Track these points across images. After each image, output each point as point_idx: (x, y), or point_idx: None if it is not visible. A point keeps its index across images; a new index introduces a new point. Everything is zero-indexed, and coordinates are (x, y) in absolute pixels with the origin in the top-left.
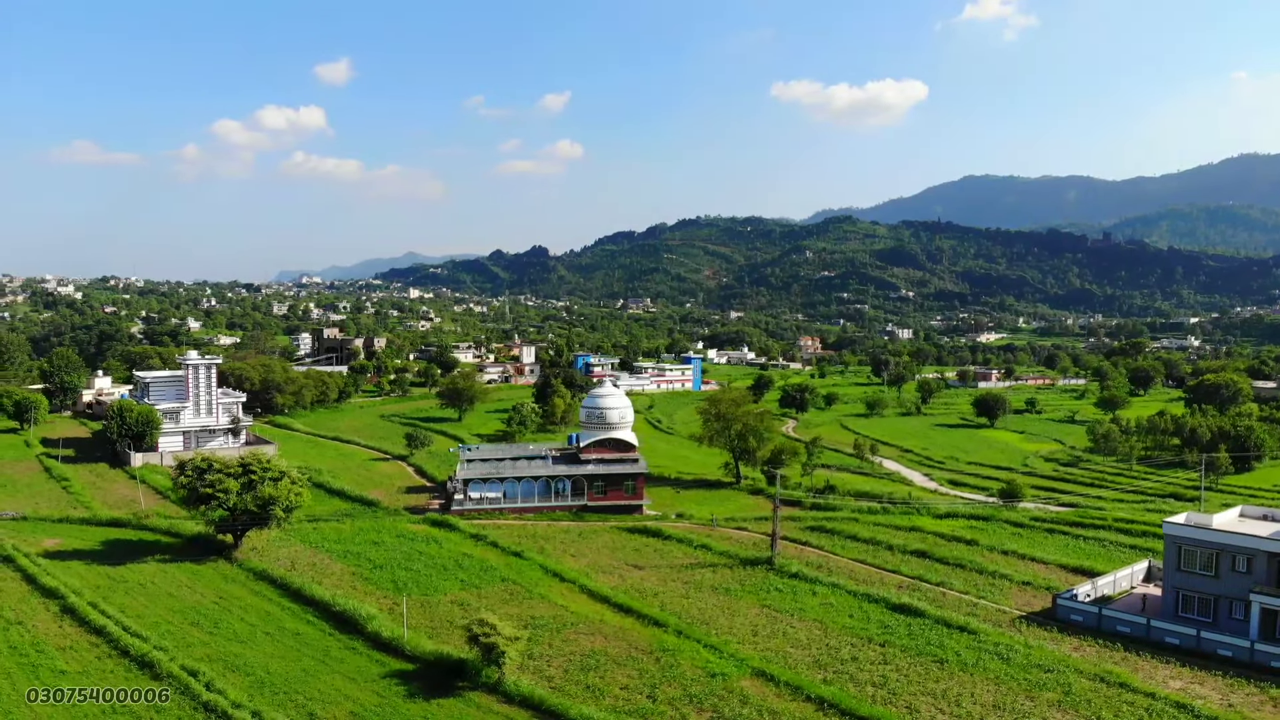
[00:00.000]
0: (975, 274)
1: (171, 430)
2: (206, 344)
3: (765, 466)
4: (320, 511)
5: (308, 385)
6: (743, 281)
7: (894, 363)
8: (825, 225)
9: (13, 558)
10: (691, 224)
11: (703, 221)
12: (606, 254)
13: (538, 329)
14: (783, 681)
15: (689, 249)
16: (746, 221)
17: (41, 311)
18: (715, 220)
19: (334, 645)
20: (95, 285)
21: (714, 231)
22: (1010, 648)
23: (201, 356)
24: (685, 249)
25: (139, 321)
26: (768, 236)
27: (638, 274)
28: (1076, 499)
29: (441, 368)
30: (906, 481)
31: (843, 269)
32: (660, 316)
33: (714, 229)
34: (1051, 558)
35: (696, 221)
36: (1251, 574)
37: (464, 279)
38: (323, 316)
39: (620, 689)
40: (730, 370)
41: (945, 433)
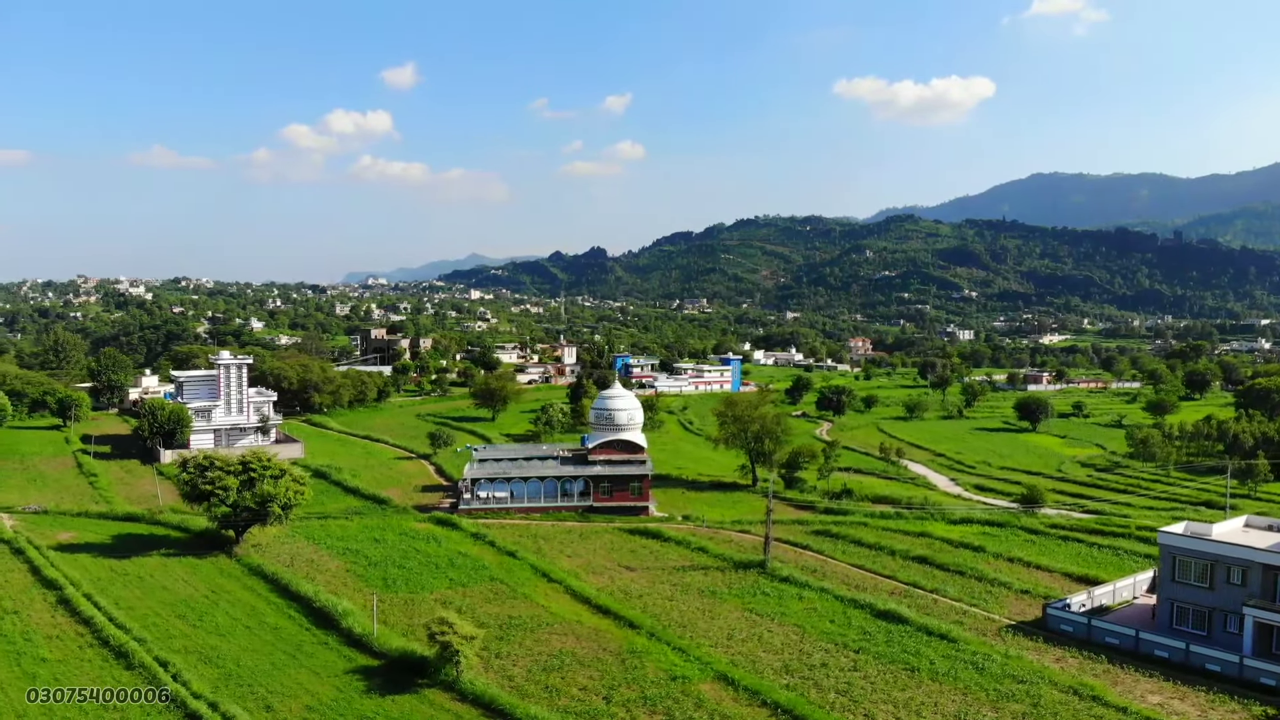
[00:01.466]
0: (1040, 274)
1: (202, 428)
2: (267, 344)
3: (782, 469)
4: (332, 509)
5: (345, 385)
6: (800, 282)
7: (940, 365)
8: (886, 224)
9: (23, 549)
10: (749, 224)
11: (761, 221)
12: (663, 255)
13: (591, 329)
14: (742, 686)
15: (746, 249)
16: (806, 221)
17: (113, 311)
18: (774, 220)
19: (308, 640)
20: (167, 286)
21: (772, 231)
22: (988, 657)
23: (234, 357)
24: (743, 249)
25: (205, 321)
26: (827, 236)
27: (694, 274)
28: (1103, 505)
29: (484, 368)
30: (930, 486)
31: (904, 269)
32: (715, 317)
33: (772, 229)
34: (1058, 566)
35: (754, 221)
36: (1246, 586)
37: (524, 280)
38: (383, 317)
39: (579, 690)
40: (774, 372)
41: (984, 437)
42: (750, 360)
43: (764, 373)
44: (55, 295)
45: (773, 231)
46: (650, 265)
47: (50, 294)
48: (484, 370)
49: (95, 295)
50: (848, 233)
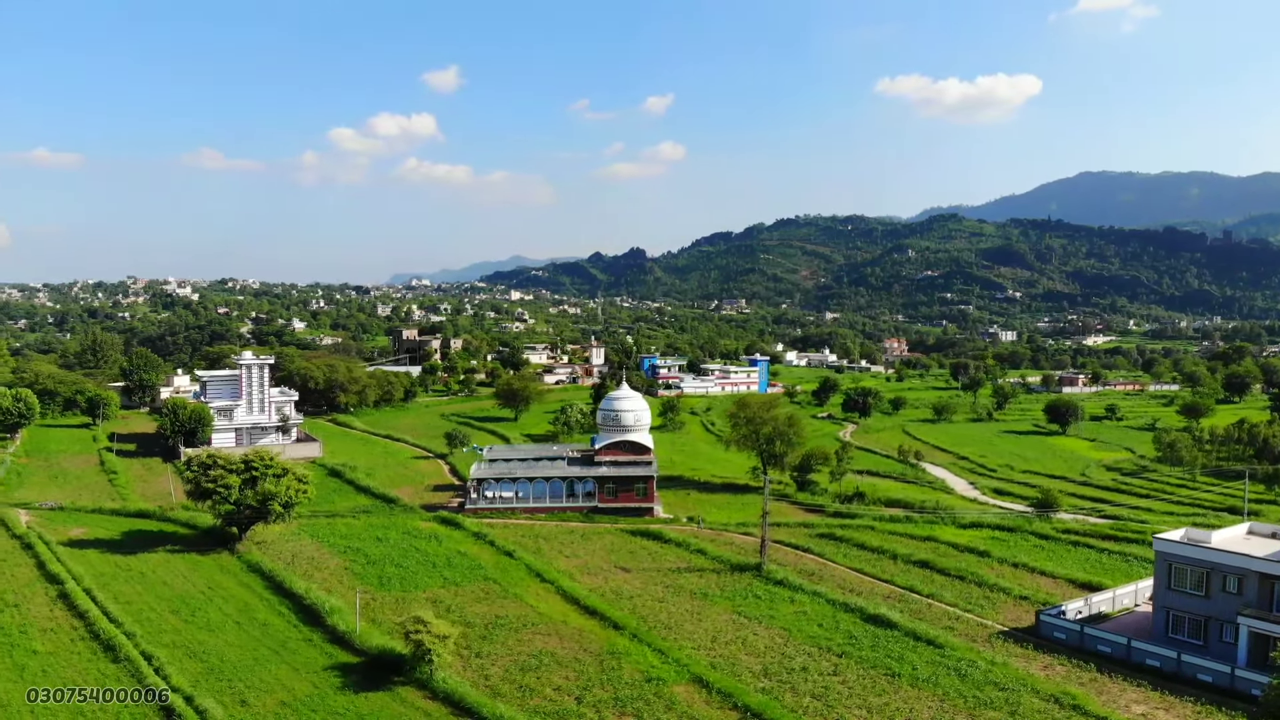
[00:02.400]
0: (1086, 274)
1: (224, 427)
2: (308, 344)
3: (794, 472)
4: (342, 507)
5: (370, 385)
6: (841, 282)
7: (972, 367)
8: (929, 224)
9: (33, 545)
10: (790, 224)
11: (801, 221)
12: (702, 255)
13: (627, 330)
14: (716, 688)
15: (786, 249)
16: (847, 220)
17: (160, 312)
18: (815, 219)
19: (294, 636)
20: (214, 287)
21: (813, 231)
22: (973, 664)
23: (256, 357)
24: (783, 249)
25: (249, 322)
26: (869, 236)
27: (733, 275)
28: (1120, 511)
29: (513, 369)
30: (947, 489)
31: (947, 268)
32: (753, 318)
33: (813, 228)
34: (1063, 572)
35: (795, 221)
36: (1242, 595)
37: (564, 281)
38: (424, 318)
39: (553, 690)
40: (804, 373)
41: (1011, 440)
42: (781, 361)
43: (794, 374)
44: (105, 296)
45: (813, 231)
46: (689, 266)
47: (100, 295)
48: (513, 371)
49: (144, 296)
50: (890, 232)
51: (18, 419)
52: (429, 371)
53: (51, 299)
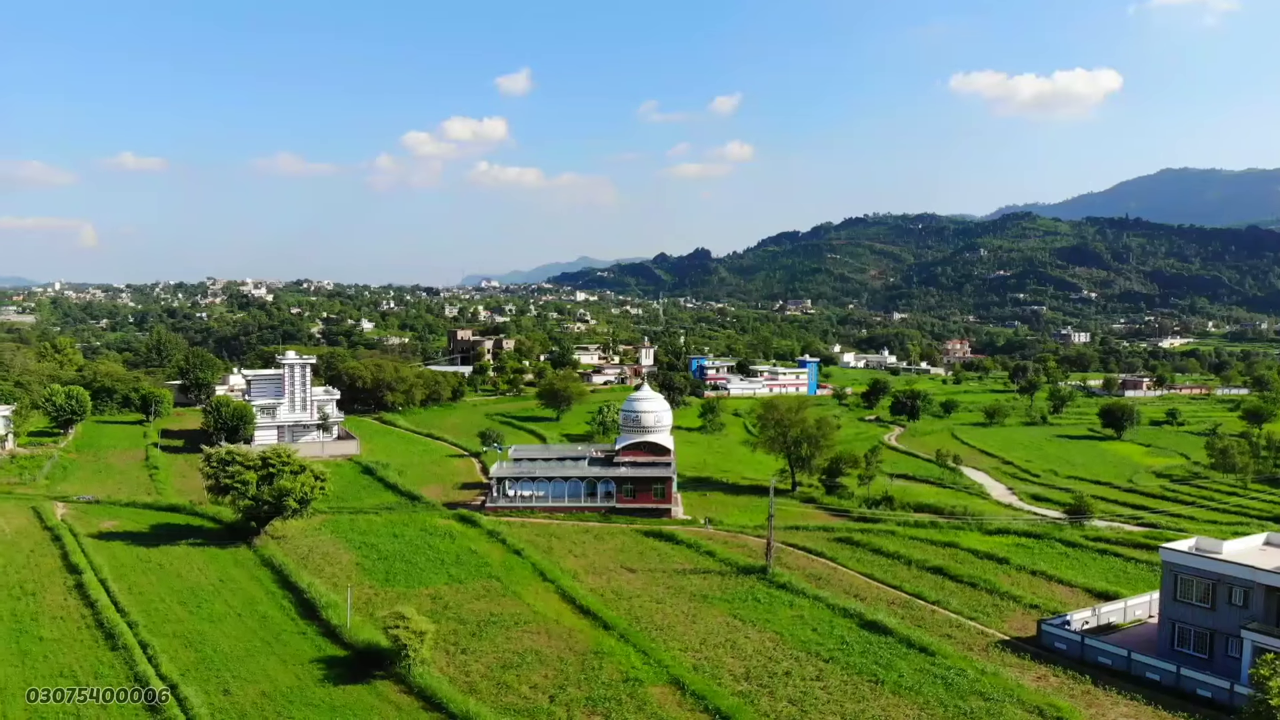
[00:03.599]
0: (1165, 274)
1: (267, 425)
2: (376, 344)
3: (822, 475)
4: (368, 503)
5: (417, 385)
6: (910, 281)
7: (1030, 369)
8: (1003, 222)
9: (61, 536)
10: (859, 222)
11: (870, 220)
12: (768, 255)
13: (688, 330)
14: (692, 691)
15: (855, 248)
16: (918, 219)
17: (236, 312)
18: (884, 218)
19: (289, 629)
20: (289, 288)
21: (882, 230)
22: (962, 673)
23: (299, 357)
24: (851, 248)
25: (320, 322)
26: (940, 234)
27: (799, 275)
28: (1159, 518)
29: (563, 369)
30: (983, 494)
31: (1020, 268)
32: (817, 318)
33: (883, 227)
34: (1082, 581)
35: (864, 220)
36: (1248, 608)
37: (628, 282)
38: (489, 319)
39: (529, 688)
40: (859, 374)
41: (1062, 445)
42: (837, 363)
43: (848, 376)
44: (185, 296)
45: (883, 230)
46: (754, 266)
47: (180, 295)
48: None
49: (221, 296)
50: (961, 231)
51: (70, 415)
52: (478, 371)
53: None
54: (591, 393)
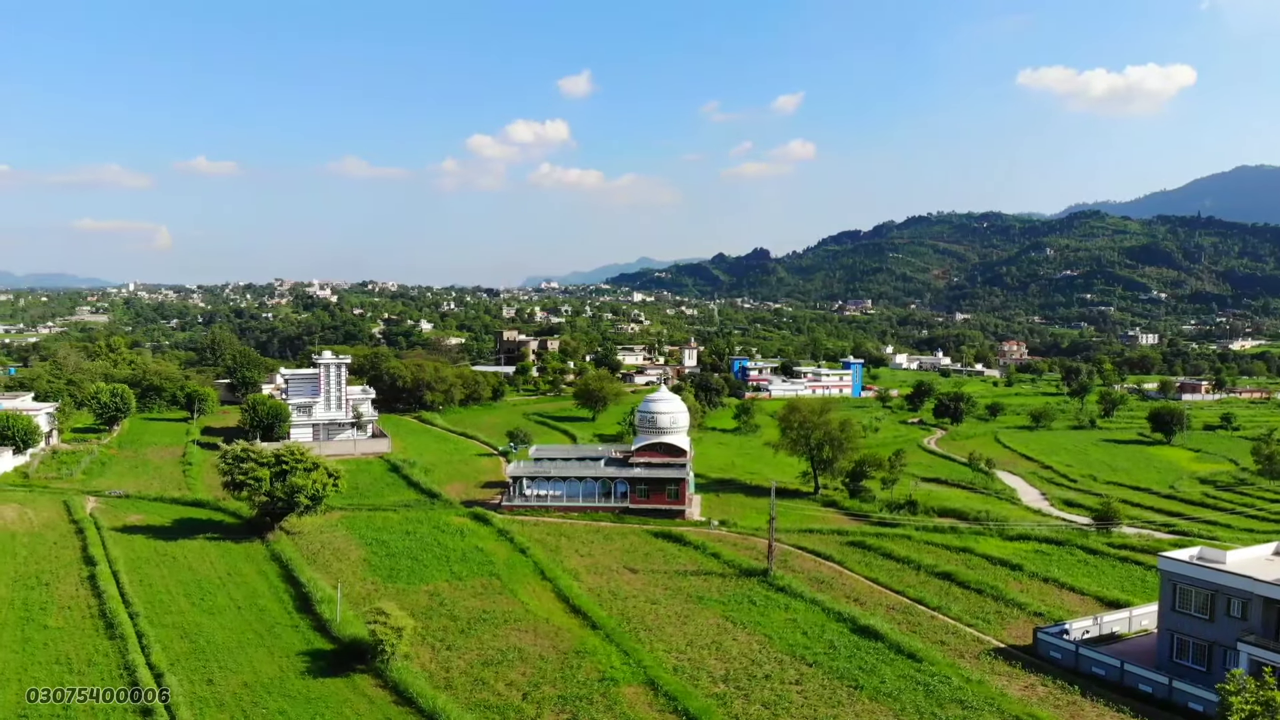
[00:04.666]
0: (1238, 274)
1: (302, 423)
2: (433, 344)
3: (845, 478)
4: (388, 500)
5: (456, 384)
6: (974, 281)
7: (1083, 372)
8: (1070, 221)
9: (84, 529)
10: (922, 221)
11: (934, 218)
12: (828, 254)
13: (743, 331)
14: (664, 691)
15: (917, 247)
16: (983, 217)
17: (301, 313)
18: (948, 216)
19: (284, 623)
20: (355, 289)
21: (946, 229)
22: (946, 679)
23: (335, 357)
24: (913, 247)
25: (381, 323)
26: (1005, 233)
27: (860, 274)
28: (1194, 526)
29: (608, 369)
30: (1013, 499)
31: (1087, 268)
32: (877, 319)
33: (946, 225)
34: (1095, 589)
35: (927, 218)
36: (1246, 620)
37: (686, 282)
38: (545, 319)
39: (505, 685)
40: (909, 376)
41: (1108, 449)
42: (888, 364)
43: (898, 378)
44: (253, 297)
45: (946, 229)
46: (814, 265)
47: (249, 296)
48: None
49: (288, 297)
50: (1028, 230)
51: (115, 413)
52: (520, 372)
53: (204, 300)
54: (631, 393)
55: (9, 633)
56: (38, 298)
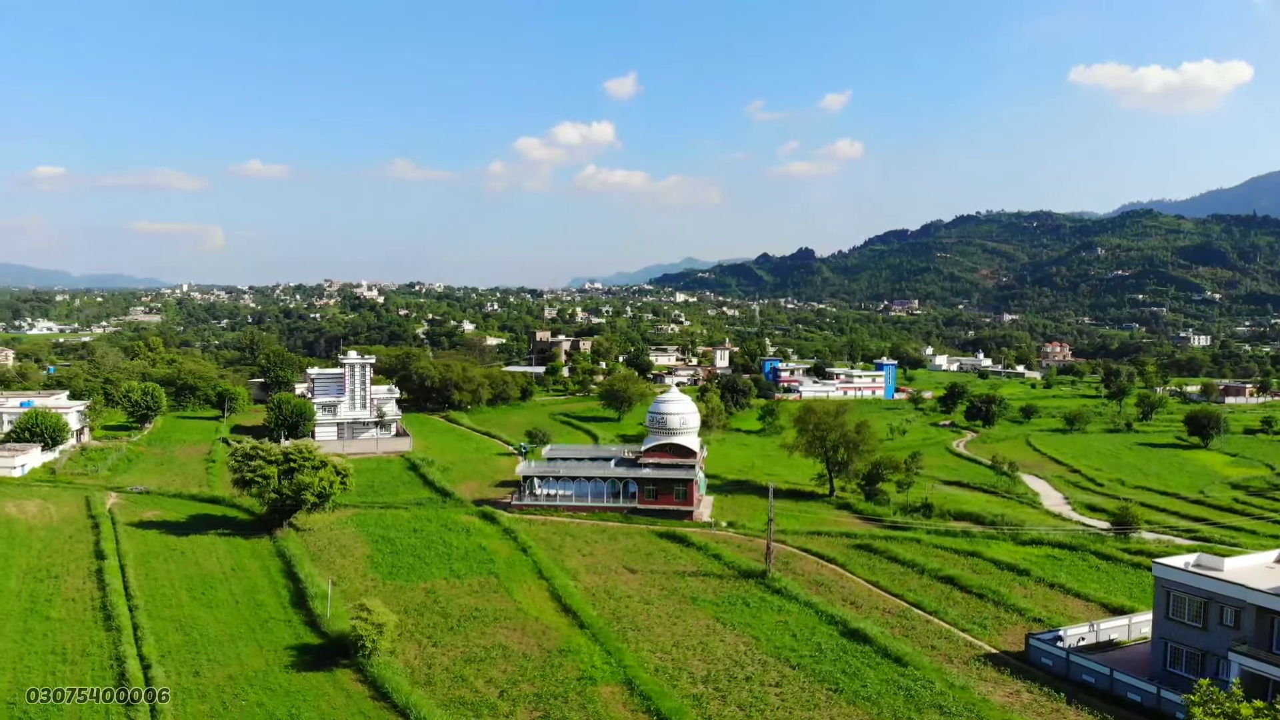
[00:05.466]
0: None
1: (327, 421)
2: (474, 344)
3: (861, 480)
4: (402, 498)
5: (484, 384)
6: (1023, 281)
7: (1123, 374)
8: (1122, 220)
9: (100, 524)
10: (970, 220)
11: (983, 217)
12: (874, 254)
13: (784, 332)
14: (640, 691)
15: (965, 247)
16: (1033, 216)
17: (348, 313)
18: (998, 216)
19: (277, 617)
20: (402, 290)
21: (995, 228)
22: (929, 684)
23: (360, 357)
24: (961, 247)
25: (425, 323)
26: (1056, 233)
27: (906, 274)
28: (1216, 532)
29: (639, 370)
30: (1034, 503)
31: (1139, 268)
32: (923, 319)
33: (995, 225)
34: (1101, 595)
35: (976, 218)
36: (1239, 629)
37: (729, 283)
38: (585, 320)
39: (484, 683)
40: (947, 377)
41: (1141, 453)
42: (927, 365)
43: (935, 379)
44: (302, 298)
45: (995, 228)
46: (859, 265)
47: (299, 296)
48: (639, 372)
49: (336, 298)
50: (1079, 229)
51: (146, 410)
52: (550, 372)
53: (255, 300)
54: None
55: (12, 623)
56: (93, 298)
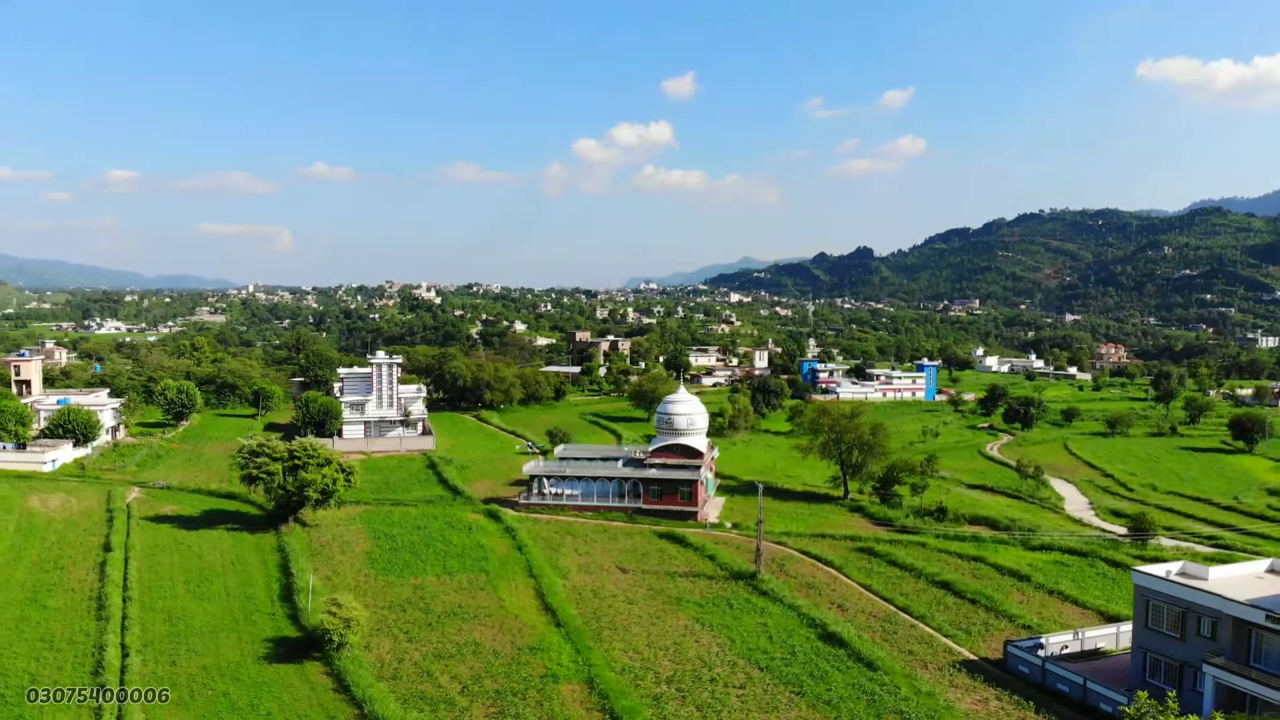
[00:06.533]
0: None
1: (355, 420)
2: (525, 344)
3: (876, 483)
4: (415, 495)
5: (515, 384)
6: (1087, 281)
7: (1174, 376)
8: (1191, 218)
9: (115, 518)
10: (1033, 218)
11: (1047, 215)
12: (935, 253)
13: (836, 332)
14: (599, 690)
15: (1028, 245)
16: (1098, 214)
17: (406, 314)
18: (1062, 214)
19: (263, 610)
20: (460, 291)
21: (1059, 226)
22: (895, 689)
23: (388, 357)
24: (1024, 245)
25: (479, 324)
26: (1122, 231)
27: (967, 274)
28: (1242, 540)
29: (676, 370)
30: (1056, 508)
31: (1207, 267)
32: (982, 319)
33: (1059, 223)
34: (1099, 603)
35: (1039, 216)
36: (1215, 640)
37: (785, 282)
38: (636, 320)
39: (449, 678)
40: (995, 379)
41: (1181, 458)
42: (975, 366)
43: (982, 380)
44: (363, 299)
45: (1059, 226)
46: (919, 264)
47: (360, 297)
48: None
49: (395, 299)
50: (1146, 227)
51: (181, 408)
52: (585, 372)
53: (317, 300)
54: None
55: (10, 611)
56: (161, 298)
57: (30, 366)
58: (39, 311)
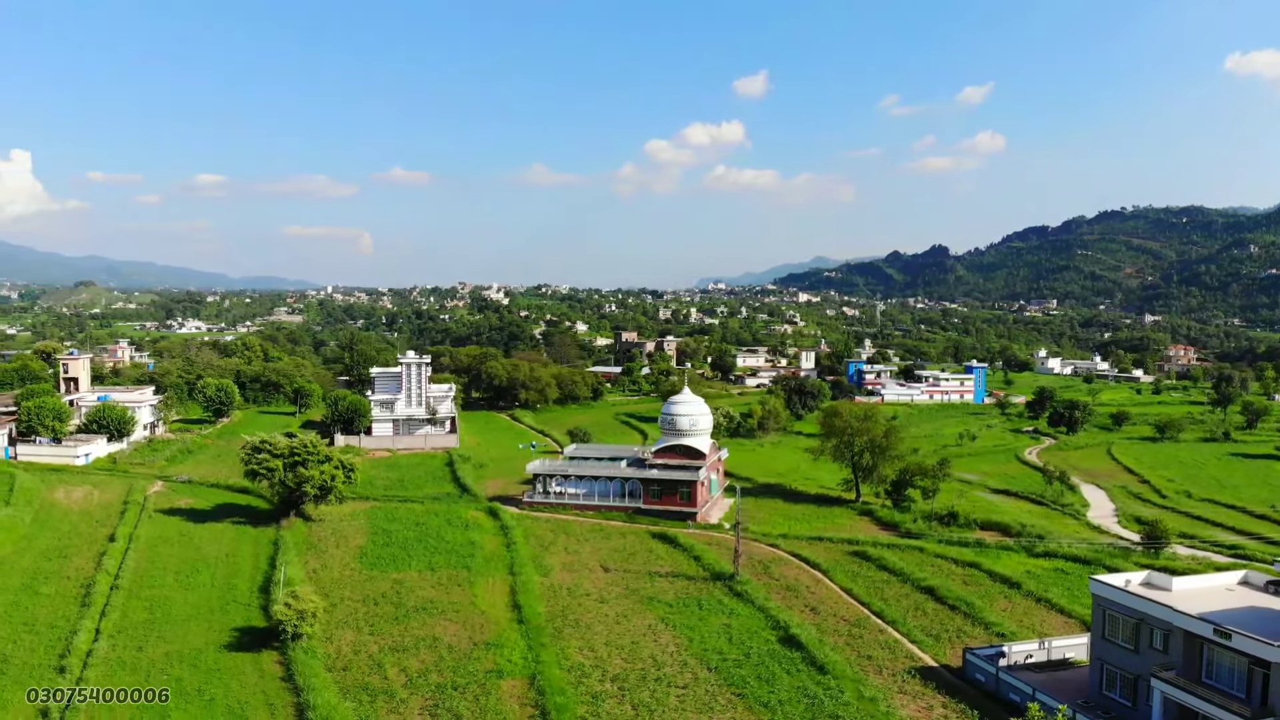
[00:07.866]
0: None
1: (384, 418)
2: (585, 344)
3: (888, 486)
4: (424, 493)
5: (550, 384)
6: (1170, 280)
7: (1237, 379)
8: (1278, 215)
9: (128, 510)
10: (1114, 216)
11: (1128, 213)
12: (1012, 252)
13: (904, 333)
14: (538, 687)
15: (1108, 244)
16: (1182, 212)
17: (474, 314)
18: (1144, 211)
19: (240, 601)
20: (529, 293)
21: (1141, 224)
22: (839, 694)
23: (418, 356)
24: (1104, 244)
25: (543, 324)
26: (1207, 229)
27: (1045, 273)
28: (1263, 549)
29: (723, 371)
30: (1078, 514)
31: None
32: (1058, 320)
33: (1141, 221)
34: (1086, 613)
35: (1120, 213)
36: (1167, 654)
37: (856, 282)
38: (699, 320)
39: (398, 672)
40: (1053, 381)
41: (1229, 464)
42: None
43: (1039, 383)
44: (436, 300)
45: (1141, 224)
46: (995, 263)
47: (432, 298)
48: (722, 374)
49: (466, 300)
50: (1232, 225)
51: (219, 405)
52: (626, 372)
53: (392, 301)
54: (739, 395)
55: (6, 596)
56: (242, 299)
57: (78, 364)
58: (124, 311)
